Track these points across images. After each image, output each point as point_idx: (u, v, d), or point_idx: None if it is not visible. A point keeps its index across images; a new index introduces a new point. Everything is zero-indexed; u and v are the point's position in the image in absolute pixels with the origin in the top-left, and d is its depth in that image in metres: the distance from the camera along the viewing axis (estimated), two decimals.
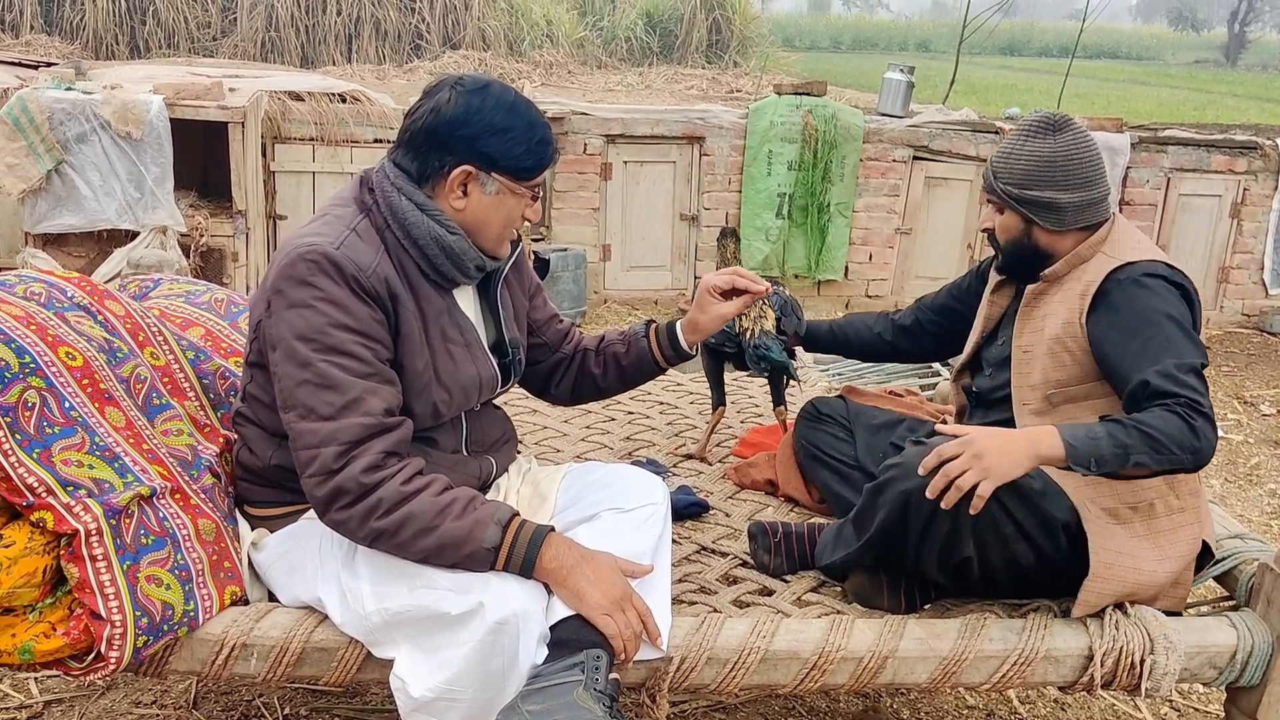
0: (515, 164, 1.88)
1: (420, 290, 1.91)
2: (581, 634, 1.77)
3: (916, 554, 2.02)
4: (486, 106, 1.85)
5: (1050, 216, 2.19)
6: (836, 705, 2.68)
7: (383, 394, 1.79)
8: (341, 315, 1.78)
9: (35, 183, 5.18)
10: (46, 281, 2.09)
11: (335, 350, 1.77)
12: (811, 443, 2.57)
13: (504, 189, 1.90)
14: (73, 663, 1.80)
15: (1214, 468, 4.48)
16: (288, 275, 1.79)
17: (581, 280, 6.13)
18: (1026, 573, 2.05)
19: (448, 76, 1.91)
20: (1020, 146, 2.21)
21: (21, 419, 1.78)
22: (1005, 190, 2.21)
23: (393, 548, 1.77)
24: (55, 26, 11.23)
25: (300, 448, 1.78)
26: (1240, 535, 2.30)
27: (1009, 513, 1.96)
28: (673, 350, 2.28)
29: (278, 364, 1.81)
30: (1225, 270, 6.76)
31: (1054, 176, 2.18)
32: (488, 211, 1.91)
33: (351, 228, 1.86)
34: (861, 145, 6.41)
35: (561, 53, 11.81)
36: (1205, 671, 2.02)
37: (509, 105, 1.88)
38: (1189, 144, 6.57)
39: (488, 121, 1.85)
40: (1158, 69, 29.48)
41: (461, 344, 1.98)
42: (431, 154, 1.87)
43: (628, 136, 6.34)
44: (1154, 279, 2.07)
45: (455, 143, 1.85)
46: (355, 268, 1.80)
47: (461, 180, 1.88)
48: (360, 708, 2.59)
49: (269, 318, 1.82)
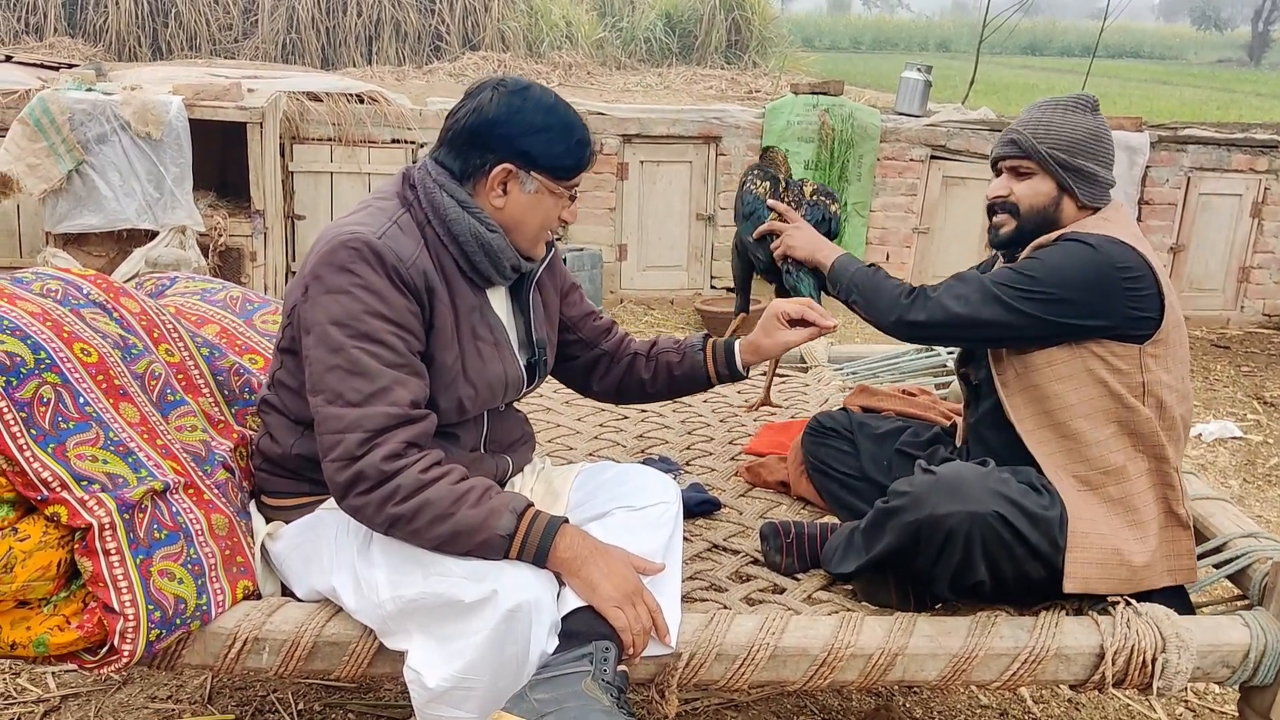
0: (554, 163, 1.92)
1: (455, 287, 1.94)
2: (591, 626, 1.78)
3: (929, 576, 2.03)
4: (528, 107, 1.89)
5: (1085, 188, 2.20)
6: (848, 703, 2.68)
7: (411, 385, 1.81)
8: (378, 304, 1.81)
9: (56, 183, 5.22)
10: (63, 279, 2.11)
11: (368, 337, 1.79)
12: (817, 458, 2.58)
13: (543, 188, 1.93)
14: (87, 656, 1.82)
15: (1233, 468, 4.45)
16: (328, 261, 1.82)
17: (598, 280, 6.14)
18: (1039, 587, 2.06)
19: (490, 78, 1.95)
20: (1061, 118, 2.21)
21: (37, 414, 1.80)
22: (1052, 155, 2.19)
23: (408, 534, 1.78)
24: (78, 29, 11.33)
25: (325, 432, 1.79)
26: (1254, 534, 2.29)
27: (1021, 536, 1.96)
28: (728, 369, 2.30)
29: (310, 348, 1.83)
30: (1246, 270, 6.71)
31: (1095, 150, 2.20)
32: (526, 210, 1.94)
33: (394, 220, 1.89)
34: (879, 144, 6.40)
35: (580, 54, 11.84)
36: (1218, 670, 2.01)
37: (549, 106, 1.92)
38: (1209, 143, 6.52)
39: (528, 121, 1.89)
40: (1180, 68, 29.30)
41: (491, 342, 2.00)
42: (473, 152, 1.91)
43: (644, 136, 6.35)
44: (1076, 243, 2.12)
45: (496, 141, 1.89)
46: (396, 258, 1.83)
47: (502, 178, 1.91)
48: (373, 704, 2.60)
49: (305, 302, 1.85)
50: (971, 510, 1.93)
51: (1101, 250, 2.09)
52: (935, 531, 1.94)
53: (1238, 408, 5.29)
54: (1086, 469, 2.10)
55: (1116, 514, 2.08)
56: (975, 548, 1.94)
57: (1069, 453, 2.11)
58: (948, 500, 1.94)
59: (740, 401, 3.35)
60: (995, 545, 1.95)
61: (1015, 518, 1.95)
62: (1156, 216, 6.54)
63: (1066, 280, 2.08)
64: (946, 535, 1.94)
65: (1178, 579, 2.13)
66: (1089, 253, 2.09)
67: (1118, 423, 2.10)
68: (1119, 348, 2.09)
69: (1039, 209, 2.22)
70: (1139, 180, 6.43)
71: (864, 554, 2.12)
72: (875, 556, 2.08)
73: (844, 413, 2.68)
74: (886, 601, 2.13)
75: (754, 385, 3.43)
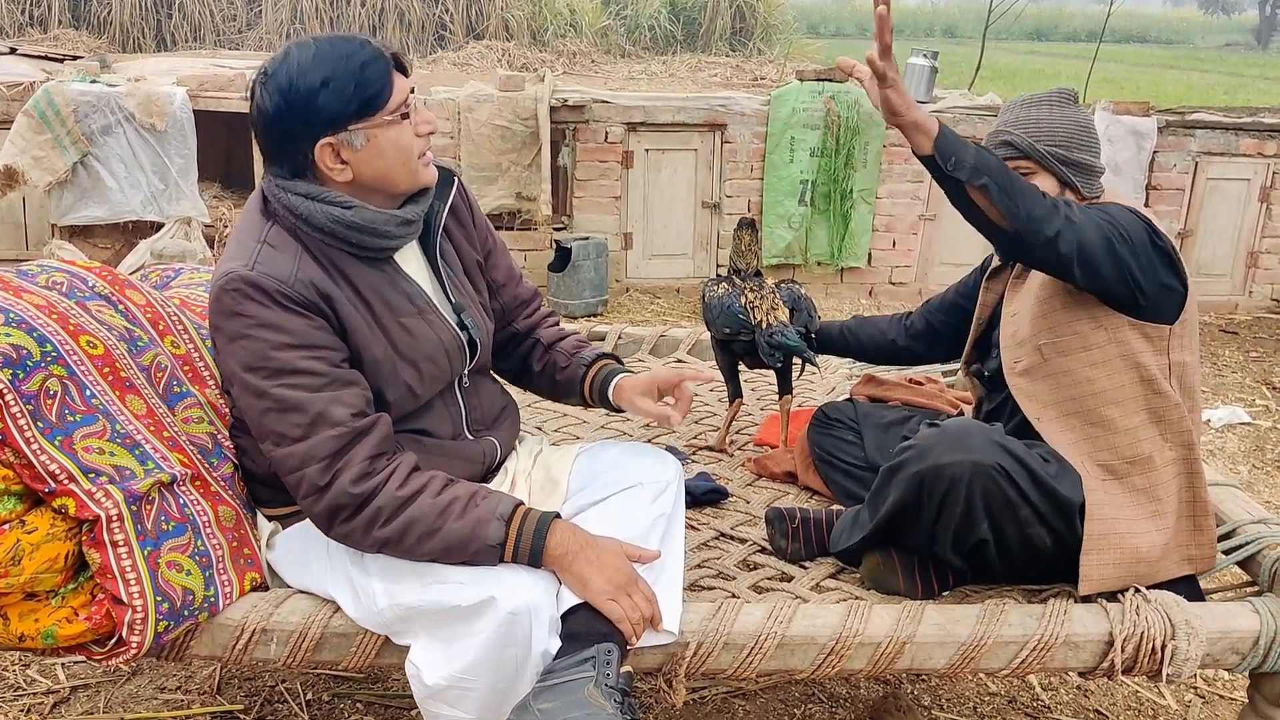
0: (358, 106, 1.75)
1: (354, 275, 1.84)
2: (592, 625, 1.77)
3: (931, 535, 2.03)
4: (295, 75, 1.73)
5: (1085, 181, 2.21)
6: (856, 691, 2.68)
7: (345, 399, 1.75)
8: (279, 336, 1.73)
9: (61, 175, 5.23)
10: (68, 271, 2.11)
11: (284, 372, 1.73)
12: (822, 448, 2.58)
13: (369, 133, 1.77)
14: (95, 647, 1.82)
15: (1241, 453, 4.44)
16: (217, 310, 1.76)
17: (603, 269, 6.13)
18: (1044, 556, 2.05)
19: (257, 72, 1.80)
20: (1049, 114, 2.20)
21: (43, 407, 1.80)
22: (1051, 152, 2.18)
23: (400, 553, 1.77)
24: (82, 21, 11.33)
25: (284, 474, 1.77)
26: (1264, 520, 2.28)
27: (1024, 495, 1.97)
28: (599, 397, 2.18)
29: (238, 398, 1.80)
30: (1254, 255, 6.68)
31: (1087, 142, 2.20)
32: (374, 163, 1.80)
33: (262, 240, 1.79)
34: (885, 131, 6.37)
35: (585, 42, 11.82)
36: (1228, 657, 2.01)
37: (313, 58, 1.74)
38: (1217, 127, 6.49)
39: (305, 89, 1.72)
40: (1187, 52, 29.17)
41: (414, 313, 1.90)
42: (288, 151, 1.79)
43: (649, 124, 6.33)
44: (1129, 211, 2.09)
45: (295, 130, 1.75)
46: (276, 282, 1.73)
47: (330, 155, 1.78)
48: (381, 693, 2.60)
49: (218, 355, 1.81)
50: (974, 459, 1.94)
51: (1140, 215, 2.08)
52: (938, 481, 1.96)
53: (1246, 393, 5.27)
54: (1113, 457, 2.08)
55: (1139, 504, 2.07)
56: (976, 499, 1.95)
57: (1095, 440, 2.09)
58: (951, 450, 1.96)
59: (752, 395, 3.34)
60: (997, 501, 1.96)
61: (1018, 474, 1.96)
62: (1164, 201, 6.51)
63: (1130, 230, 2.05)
64: (949, 484, 1.95)
65: (1198, 567, 2.13)
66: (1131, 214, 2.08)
67: (1147, 410, 2.09)
68: (1151, 329, 2.08)
69: None
70: (1146, 165, 6.40)
71: (869, 523, 2.12)
72: (880, 521, 2.08)
73: (849, 403, 2.68)
74: (893, 586, 2.13)
75: (763, 384, 3.43)
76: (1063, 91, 2.24)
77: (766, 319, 2.65)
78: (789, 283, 2.81)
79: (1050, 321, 2.15)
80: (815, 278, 6.58)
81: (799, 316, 2.71)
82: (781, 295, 2.74)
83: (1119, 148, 6.32)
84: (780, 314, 2.67)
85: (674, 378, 2.14)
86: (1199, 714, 2.69)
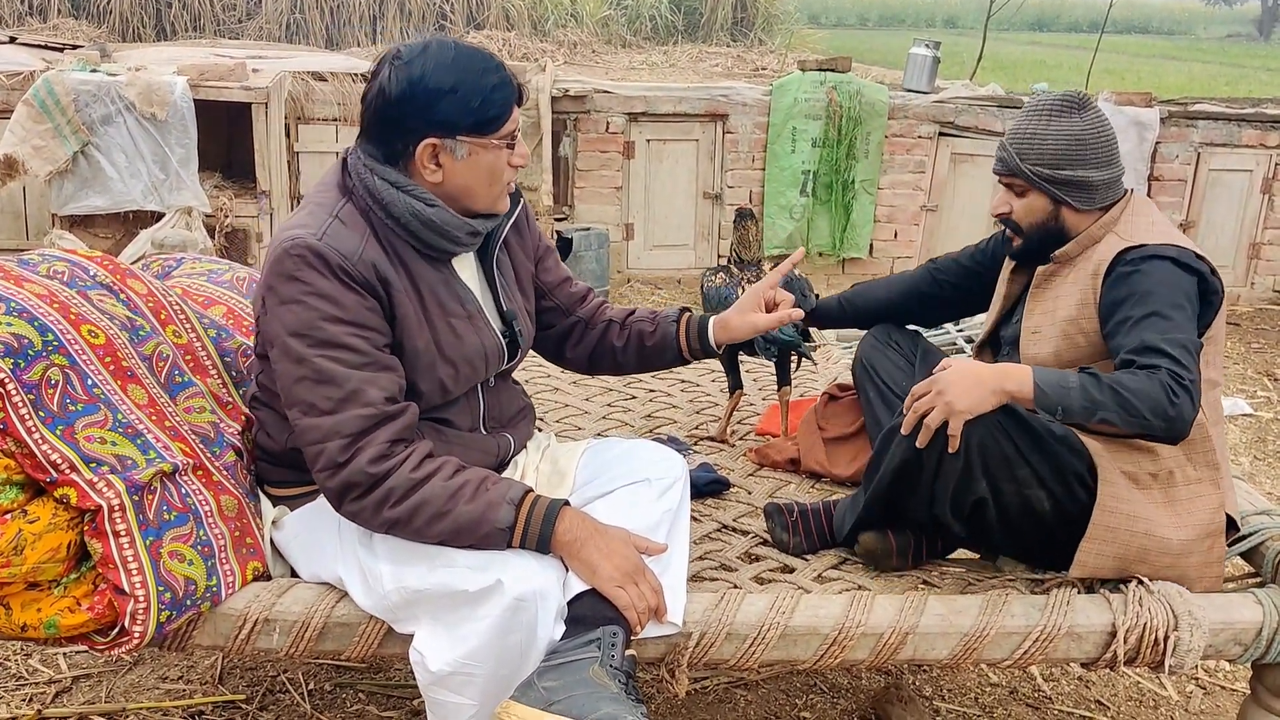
0: (475, 120, 1.80)
1: (414, 268, 1.88)
2: (597, 610, 1.78)
3: (930, 494, 2.02)
4: (428, 72, 1.77)
5: (1081, 196, 2.18)
6: (858, 682, 2.68)
7: (381, 382, 1.78)
8: (332, 308, 1.76)
9: (61, 164, 5.22)
10: (69, 260, 2.10)
11: (329, 344, 1.75)
12: (870, 362, 2.54)
13: (474, 149, 1.83)
14: (97, 637, 1.82)
15: (1243, 445, 4.44)
16: (276, 271, 1.78)
17: (604, 259, 6.12)
18: (1044, 521, 2.03)
19: (388, 51, 1.84)
20: (1045, 126, 2.18)
21: (45, 396, 1.79)
22: (1036, 171, 2.18)
23: (409, 534, 1.78)
24: (82, 10, 11.29)
25: (306, 443, 1.78)
26: (1267, 511, 2.28)
27: (1023, 455, 1.96)
28: (699, 344, 2.25)
29: (276, 361, 1.80)
30: (1256, 246, 6.67)
31: (1084, 155, 2.16)
32: (466, 176, 1.85)
33: (334, 214, 1.82)
34: (887, 122, 6.36)
35: (586, 32, 11.76)
36: (1230, 648, 2.01)
37: (450, 62, 1.79)
38: (1219, 118, 6.48)
39: (433, 87, 1.77)
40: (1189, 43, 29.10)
41: (463, 316, 1.94)
42: (392, 137, 1.82)
43: (650, 115, 6.31)
44: (1161, 260, 2.06)
45: (409, 120, 1.80)
46: (340, 256, 1.77)
47: (430, 154, 1.82)
48: (384, 683, 2.61)
49: (265, 315, 1.82)
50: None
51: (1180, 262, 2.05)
52: (938, 438, 1.94)
53: (1248, 384, 5.27)
54: (1134, 468, 2.04)
55: (1158, 514, 2.03)
56: (974, 454, 1.94)
57: (1118, 453, 2.04)
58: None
59: (753, 385, 3.34)
60: (995, 458, 1.95)
61: (1017, 432, 1.95)
62: (1166, 193, 6.50)
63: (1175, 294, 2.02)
64: (946, 438, 1.93)
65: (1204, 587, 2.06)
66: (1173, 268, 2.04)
67: None
68: None
69: (1038, 224, 2.23)
70: (1148, 156, 6.39)
71: (868, 488, 2.12)
72: (879, 484, 2.07)
73: (915, 333, 2.65)
74: (887, 564, 2.14)
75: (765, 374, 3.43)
76: (1068, 98, 2.20)
77: None
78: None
79: (1073, 355, 2.14)
80: (817, 268, 6.57)
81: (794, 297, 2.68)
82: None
83: (1121, 139, 6.24)
84: None
85: (768, 285, 2.23)
86: (1200, 705, 2.69)
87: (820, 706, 2.58)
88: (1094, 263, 2.15)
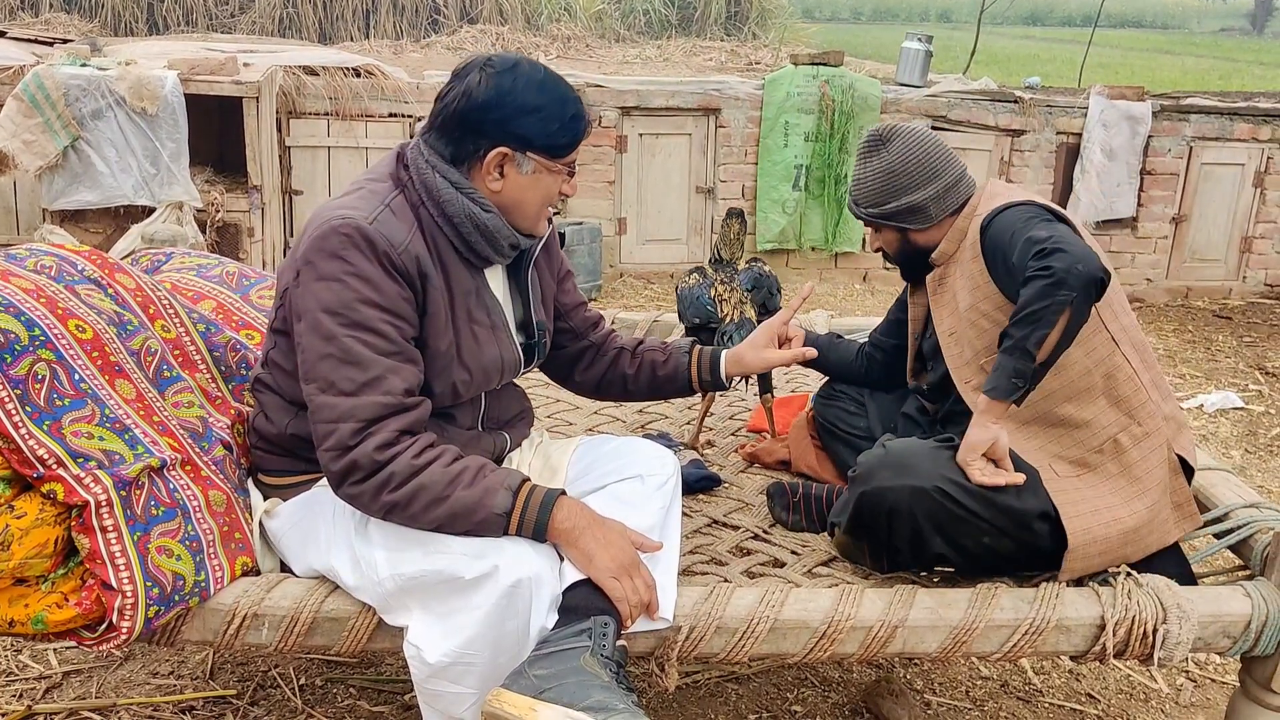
0: (550, 142, 1.87)
1: (451, 269, 1.90)
2: (590, 600, 1.78)
3: (890, 546, 2.05)
4: (518, 87, 1.83)
5: (916, 218, 2.26)
6: (849, 675, 2.69)
7: (404, 373, 1.79)
8: (370, 291, 1.78)
9: (52, 159, 5.20)
10: (57, 255, 2.09)
11: (361, 326, 1.77)
12: (826, 419, 2.60)
13: (540, 167, 1.88)
14: (86, 633, 1.81)
15: (1234, 438, 4.45)
16: (320, 247, 1.79)
17: (597, 254, 6.11)
18: (1011, 557, 2.06)
19: (477, 57, 1.89)
20: (863, 170, 2.29)
21: (31, 391, 1.79)
22: (869, 214, 2.29)
23: (406, 519, 1.78)
24: (73, 4, 11.26)
25: (319, 420, 1.78)
26: (1256, 504, 2.28)
27: (974, 514, 1.99)
28: (711, 376, 2.27)
29: (302, 335, 1.81)
30: (1248, 240, 6.68)
31: (900, 184, 2.24)
32: (525, 191, 1.90)
33: (386, 203, 1.85)
34: (879, 116, 6.36)
35: (579, 26, 11.75)
36: (1219, 641, 2.01)
37: (539, 83, 1.86)
38: (1211, 112, 6.49)
39: (520, 102, 1.83)
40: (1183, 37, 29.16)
41: (487, 325, 1.97)
42: (466, 138, 1.86)
43: (643, 109, 6.31)
44: (1011, 208, 2.11)
45: (488, 126, 1.84)
46: (388, 244, 1.79)
47: (498, 162, 1.86)
48: (375, 678, 2.60)
49: (297, 288, 1.82)
50: (912, 485, 1.97)
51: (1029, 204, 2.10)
52: (879, 505, 1.99)
53: (1239, 378, 5.28)
54: (1081, 451, 2.09)
55: (1118, 489, 2.07)
56: (922, 521, 1.98)
57: (1059, 439, 2.10)
58: (892, 475, 1.99)
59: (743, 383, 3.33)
60: (944, 519, 1.98)
61: (962, 495, 1.97)
62: (1159, 187, 6.51)
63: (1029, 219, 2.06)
64: (889, 509, 1.98)
65: (1185, 527, 2.14)
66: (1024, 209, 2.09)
67: (1104, 395, 2.09)
68: None
69: (899, 250, 2.33)
70: (1141, 150, 6.40)
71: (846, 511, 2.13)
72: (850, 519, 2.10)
73: None
74: (860, 561, 2.17)
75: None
76: (871, 138, 2.28)
77: (732, 314, 2.62)
78: (754, 263, 2.76)
79: (985, 340, 2.15)
80: (809, 263, 6.57)
81: (758, 294, 2.67)
82: (742, 276, 2.67)
83: (1114, 133, 6.31)
84: (747, 311, 2.63)
85: (781, 322, 2.28)
86: (1190, 697, 2.70)
87: (811, 700, 2.59)
88: (969, 248, 2.19)
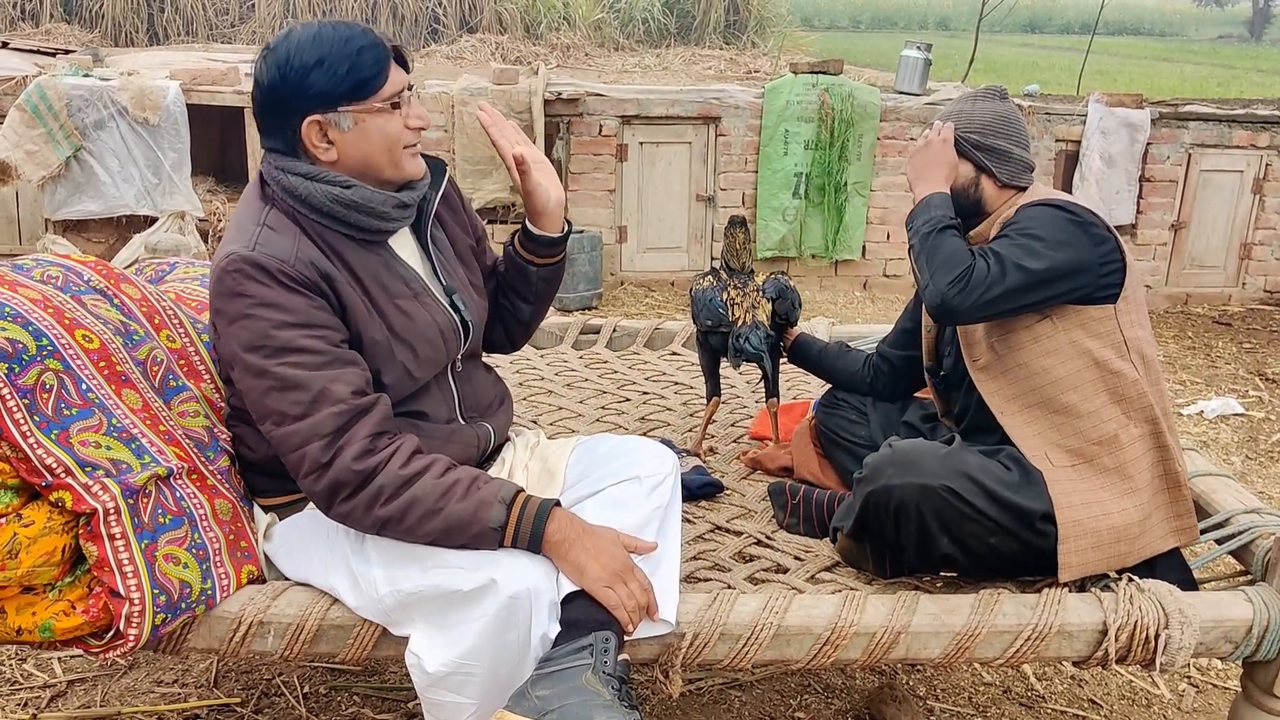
0: (350, 86, 1.79)
1: (350, 257, 1.87)
2: (589, 613, 1.77)
3: (897, 545, 2.09)
4: (293, 52, 1.79)
5: (1002, 166, 2.28)
6: (852, 681, 2.69)
7: (346, 378, 1.77)
8: (280, 314, 1.76)
9: (54, 169, 5.22)
10: (63, 265, 2.10)
11: (285, 350, 1.75)
12: (829, 427, 2.62)
13: (358, 116, 1.82)
14: (92, 640, 1.82)
15: (1234, 444, 4.45)
16: (219, 292, 1.78)
17: (597, 262, 6.13)
18: (1015, 558, 2.08)
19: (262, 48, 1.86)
20: (974, 105, 2.34)
21: (40, 400, 1.80)
22: (965, 137, 2.30)
23: (400, 533, 1.77)
24: (74, 14, 11.28)
25: (286, 453, 1.78)
26: (1257, 510, 2.29)
27: (980, 510, 2.01)
28: (527, 237, 2.14)
29: (239, 381, 1.81)
30: (1247, 247, 6.69)
31: (1008, 131, 2.30)
32: (360, 146, 1.84)
33: (261, 223, 1.82)
34: (879, 124, 6.37)
35: (579, 35, 11.77)
36: (1221, 646, 2.02)
37: (313, 37, 1.80)
38: (1210, 119, 6.50)
39: (300, 64, 1.78)
40: (1181, 44, 29.20)
41: (409, 295, 1.93)
42: (280, 126, 1.83)
43: (643, 117, 6.32)
44: (1045, 207, 2.16)
45: (287, 102, 1.80)
46: (277, 262, 1.76)
47: (318, 133, 1.82)
48: (379, 686, 2.61)
49: (218, 339, 1.83)
50: (920, 483, 2.00)
51: (1067, 208, 2.13)
52: (886, 503, 2.03)
53: (1239, 384, 5.29)
54: (1079, 441, 2.11)
55: (1111, 484, 2.09)
56: (929, 519, 2.01)
57: (1060, 427, 2.12)
58: (899, 473, 2.03)
59: (747, 388, 3.35)
60: (951, 517, 2.01)
61: (970, 492, 2.00)
62: (1157, 194, 6.53)
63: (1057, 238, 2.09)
64: (898, 507, 2.01)
65: (1181, 540, 2.15)
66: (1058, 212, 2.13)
67: (1108, 391, 2.12)
68: (1096, 311, 2.12)
69: (961, 189, 2.31)
70: (1140, 157, 6.41)
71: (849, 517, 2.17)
72: (855, 521, 2.13)
73: None
74: (863, 566, 2.19)
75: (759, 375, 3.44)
76: (991, 88, 2.41)
77: (744, 318, 2.64)
78: (775, 274, 2.79)
79: (1002, 329, 2.18)
80: (810, 271, 6.58)
81: (781, 305, 2.70)
82: (767, 285, 2.71)
83: (1112, 140, 6.33)
84: (760, 312, 2.65)
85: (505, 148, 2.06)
86: (1192, 703, 2.70)
87: (815, 706, 2.59)
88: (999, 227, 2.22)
